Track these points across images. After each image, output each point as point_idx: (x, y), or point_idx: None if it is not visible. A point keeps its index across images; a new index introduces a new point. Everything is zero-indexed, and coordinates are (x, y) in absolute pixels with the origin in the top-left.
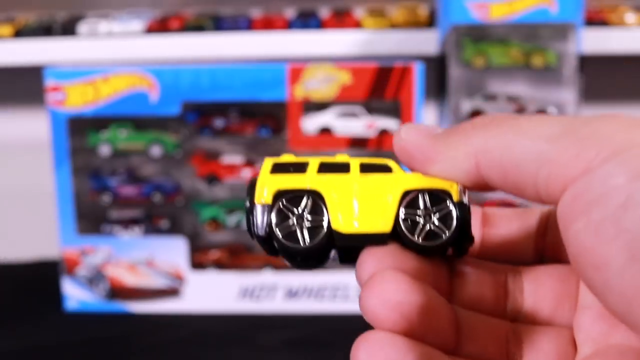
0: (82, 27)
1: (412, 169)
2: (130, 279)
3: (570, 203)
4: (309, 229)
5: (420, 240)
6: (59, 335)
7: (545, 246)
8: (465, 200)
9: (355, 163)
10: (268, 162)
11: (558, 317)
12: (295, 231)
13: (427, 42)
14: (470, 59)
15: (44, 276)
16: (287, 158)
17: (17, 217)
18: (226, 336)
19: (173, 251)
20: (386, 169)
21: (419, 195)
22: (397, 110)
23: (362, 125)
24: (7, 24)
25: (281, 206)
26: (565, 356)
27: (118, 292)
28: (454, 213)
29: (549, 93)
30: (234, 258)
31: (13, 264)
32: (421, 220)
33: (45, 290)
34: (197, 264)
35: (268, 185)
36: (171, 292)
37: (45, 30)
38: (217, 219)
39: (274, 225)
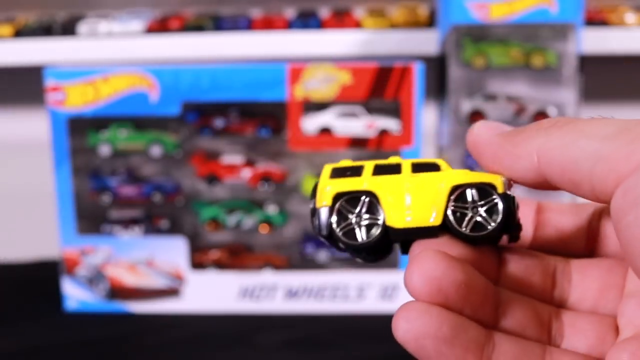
0: (82, 27)
1: (481, 164)
2: (130, 279)
3: (622, 198)
4: (366, 226)
5: (468, 231)
6: (59, 335)
7: (596, 241)
8: (510, 192)
9: (406, 164)
10: (327, 168)
11: (602, 306)
12: (354, 229)
13: (427, 42)
14: (470, 59)
15: (44, 276)
16: (344, 163)
17: (17, 217)
18: (226, 336)
19: (173, 251)
20: (435, 168)
21: (467, 190)
22: (397, 110)
23: (362, 125)
24: (7, 24)
25: (340, 207)
26: (604, 339)
27: (118, 292)
28: (500, 205)
29: (549, 93)
30: (234, 258)
31: (13, 264)
32: (469, 213)
33: (45, 290)
34: (197, 264)
35: (329, 188)
36: (171, 292)
37: (45, 30)
38: (217, 219)
39: (334, 225)
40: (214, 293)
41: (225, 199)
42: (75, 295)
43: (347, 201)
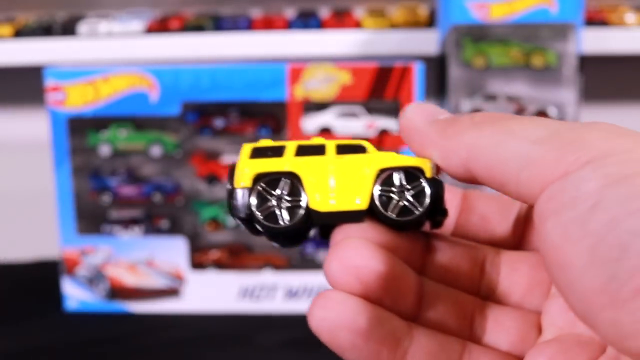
0: (82, 27)
1: (411, 149)
2: (130, 279)
3: (545, 203)
4: (288, 209)
5: (394, 216)
6: (59, 335)
7: (524, 234)
8: (438, 176)
9: (331, 145)
10: (247, 147)
11: (527, 302)
12: (275, 212)
13: (427, 42)
14: (470, 59)
15: (44, 276)
16: (265, 143)
17: (17, 217)
18: (226, 336)
19: (173, 251)
20: (361, 150)
21: (394, 173)
22: (397, 110)
23: (362, 125)
24: (7, 24)
25: (260, 189)
26: (526, 337)
27: (118, 292)
28: (427, 189)
29: (549, 93)
30: (234, 258)
31: (13, 264)
32: (395, 197)
33: (45, 290)
34: (197, 264)
35: (247, 169)
36: (171, 292)
37: (45, 30)
38: (217, 219)
39: (253, 208)
40: (214, 293)
41: (225, 199)
42: (75, 295)
43: (267, 183)
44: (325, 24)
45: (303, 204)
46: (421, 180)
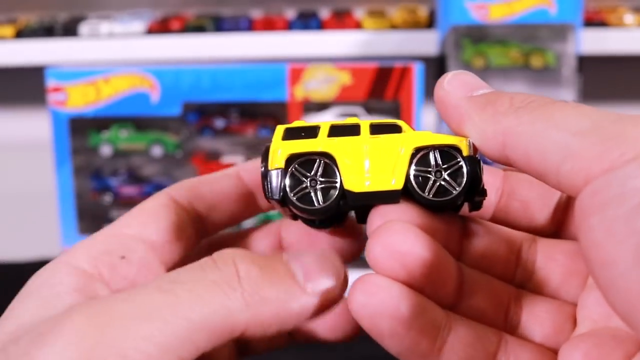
0: (84, 28)
1: (447, 123)
2: None
3: (589, 198)
4: (322, 189)
5: (431, 196)
6: None
7: (564, 222)
8: (476, 155)
9: (365, 124)
10: (280, 129)
11: (564, 293)
12: (309, 193)
13: (426, 42)
14: (469, 59)
15: None
16: (298, 123)
17: (19, 216)
18: None
19: None
20: (396, 129)
21: (429, 153)
22: (397, 111)
23: None
24: (8, 25)
25: (294, 170)
26: (561, 329)
27: None
28: (464, 168)
29: (548, 93)
30: None
31: (14, 264)
32: (432, 177)
33: None
34: None
35: (280, 150)
36: None
37: (46, 31)
38: None
39: (288, 189)
40: None
41: None
42: None
43: (301, 164)
44: (325, 25)
45: (337, 184)
46: (458, 159)
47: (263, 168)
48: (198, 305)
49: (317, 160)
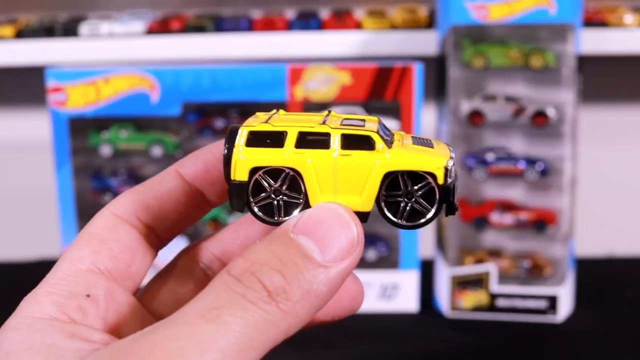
0: (84, 28)
1: None
2: None
3: None
4: (285, 203)
5: (404, 222)
6: None
7: None
8: (449, 179)
9: (336, 134)
10: (243, 130)
11: None
12: (272, 204)
13: (426, 42)
14: (469, 59)
15: (45, 276)
16: (262, 126)
17: (19, 217)
18: None
19: (173, 251)
20: (368, 144)
21: (400, 176)
22: (397, 111)
23: None
24: (8, 25)
25: (259, 178)
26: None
27: None
28: (437, 191)
29: (548, 94)
30: None
31: (14, 264)
32: (403, 201)
33: None
34: None
35: (244, 160)
36: None
37: (46, 31)
38: (218, 219)
39: (251, 201)
40: None
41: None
42: None
43: (267, 172)
44: (325, 25)
45: (301, 202)
46: (430, 181)
47: (226, 151)
48: (245, 328)
49: (284, 171)
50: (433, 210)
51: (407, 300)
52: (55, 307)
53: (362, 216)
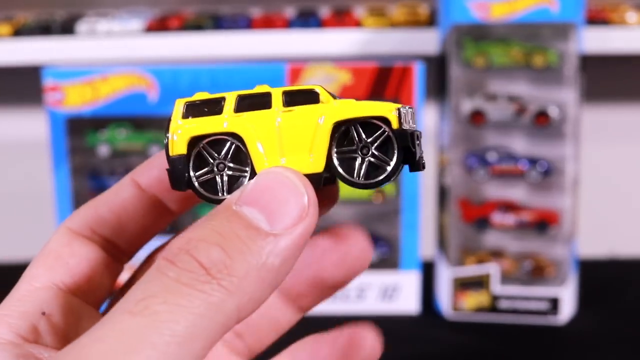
0: (81, 27)
1: None
2: None
3: None
4: (229, 177)
5: (362, 179)
6: None
7: None
8: (406, 125)
9: (277, 93)
10: (179, 104)
11: None
12: (215, 179)
13: (427, 41)
14: (470, 58)
15: None
16: (200, 96)
17: (16, 217)
18: None
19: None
20: (313, 97)
21: (351, 127)
22: None
23: None
24: (5, 23)
25: (198, 154)
26: None
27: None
28: (394, 140)
29: (550, 93)
30: None
31: (12, 264)
32: (358, 156)
33: None
34: None
35: (180, 132)
36: None
37: (44, 29)
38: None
39: (192, 177)
40: None
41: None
42: None
43: (209, 143)
44: (325, 24)
45: (247, 173)
46: (385, 129)
47: (165, 145)
48: (181, 316)
49: (227, 141)
50: (392, 163)
51: (407, 302)
52: (8, 329)
53: (315, 178)
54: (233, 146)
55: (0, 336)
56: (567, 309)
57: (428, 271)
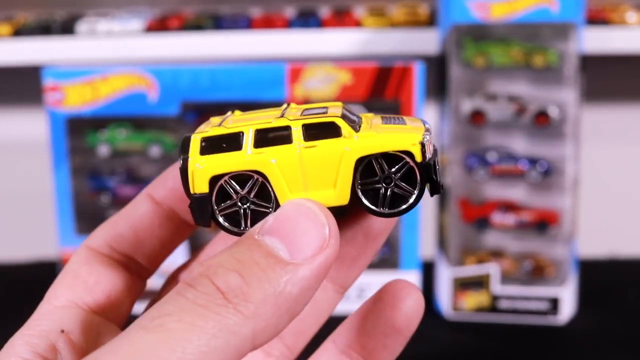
0: (81, 27)
1: None
2: None
3: None
4: (252, 212)
5: (387, 209)
6: None
7: None
8: (429, 155)
9: (296, 126)
10: (196, 141)
11: None
12: (238, 212)
13: (427, 41)
14: (470, 58)
15: (42, 276)
16: (216, 131)
17: (16, 217)
18: None
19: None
20: (333, 131)
21: (374, 161)
22: (398, 111)
23: None
24: (6, 23)
25: (224, 189)
26: None
27: None
28: (417, 170)
29: (550, 93)
30: None
31: (12, 265)
32: (382, 187)
33: (44, 290)
34: None
35: (201, 169)
36: None
37: (44, 29)
38: None
39: (216, 211)
40: None
41: None
42: None
43: (233, 177)
44: (325, 24)
45: (271, 209)
46: (408, 160)
47: (182, 163)
48: (195, 335)
49: (251, 177)
50: (416, 192)
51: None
52: (27, 347)
53: (341, 210)
54: (256, 181)
55: (19, 355)
56: (567, 309)
57: (428, 271)
